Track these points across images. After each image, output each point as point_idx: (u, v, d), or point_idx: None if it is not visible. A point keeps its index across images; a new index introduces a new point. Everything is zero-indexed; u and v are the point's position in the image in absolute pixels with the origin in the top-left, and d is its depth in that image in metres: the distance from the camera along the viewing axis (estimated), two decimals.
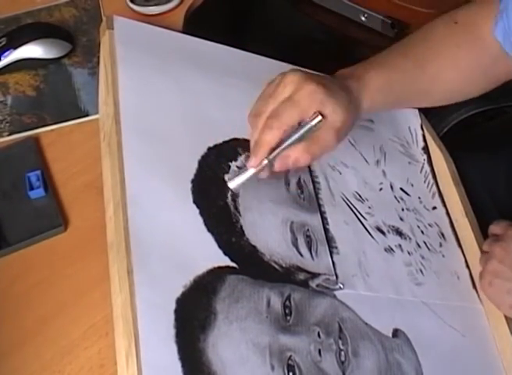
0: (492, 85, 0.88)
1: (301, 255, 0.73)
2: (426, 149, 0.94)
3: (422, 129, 0.95)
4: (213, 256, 0.68)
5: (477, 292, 0.84)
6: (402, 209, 0.87)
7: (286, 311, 0.68)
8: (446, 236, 0.88)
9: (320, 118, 0.72)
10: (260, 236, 0.72)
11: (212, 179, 0.74)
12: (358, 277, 0.76)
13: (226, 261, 0.68)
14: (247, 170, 0.73)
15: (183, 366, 0.59)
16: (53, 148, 0.88)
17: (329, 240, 0.77)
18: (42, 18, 1.05)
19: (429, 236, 0.86)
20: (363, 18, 1.27)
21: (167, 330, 0.61)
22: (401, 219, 0.86)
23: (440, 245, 0.87)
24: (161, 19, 1.01)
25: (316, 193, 0.80)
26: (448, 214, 0.90)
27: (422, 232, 0.86)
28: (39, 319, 0.73)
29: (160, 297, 0.62)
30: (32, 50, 0.97)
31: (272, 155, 0.72)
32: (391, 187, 0.88)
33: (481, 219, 0.89)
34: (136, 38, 0.83)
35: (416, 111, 0.96)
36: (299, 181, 0.80)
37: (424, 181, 0.92)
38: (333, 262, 0.75)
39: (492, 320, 0.82)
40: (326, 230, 0.78)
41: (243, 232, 0.71)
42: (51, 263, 0.78)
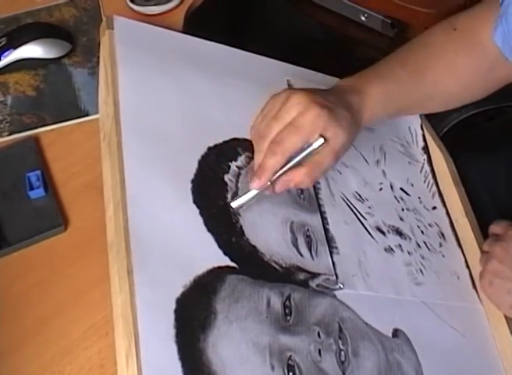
0: (491, 90, 0.89)
1: (301, 255, 0.73)
2: (426, 149, 0.94)
3: (422, 129, 0.95)
4: (213, 256, 0.68)
5: (477, 292, 0.84)
6: (402, 209, 0.87)
7: (286, 311, 0.68)
8: (446, 236, 0.88)
9: (322, 141, 0.73)
10: (260, 236, 0.72)
11: (212, 179, 0.74)
12: (358, 277, 0.76)
13: (226, 261, 0.68)
14: (250, 191, 0.73)
15: (183, 366, 0.59)
16: (53, 148, 0.88)
17: (329, 240, 0.77)
18: (42, 18, 1.05)
19: (429, 236, 0.86)
20: (363, 18, 1.27)
21: (167, 330, 0.61)
22: (401, 219, 0.86)
23: (440, 245, 0.86)
24: (161, 19, 1.01)
25: (316, 193, 0.80)
26: (448, 214, 0.90)
27: (422, 232, 0.86)
28: (39, 319, 0.73)
29: (160, 297, 0.62)
30: (32, 50, 0.97)
31: (274, 177, 0.73)
32: (391, 187, 0.88)
33: (481, 219, 0.88)
34: (136, 38, 0.83)
35: None
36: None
37: (424, 181, 0.92)
38: (333, 262, 0.75)
39: (492, 320, 0.82)
40: (326, 230, 0.78)
41: (243, 232, 0.71)
42: (51, 263, 0.78)
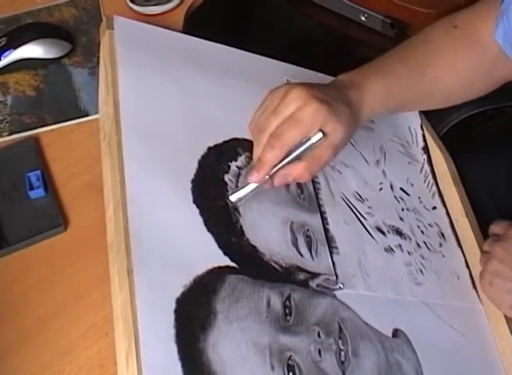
0: (491, 88, 0.89)
1: (301, 255, 0.73)
2: (426, 149, 0.94)
3: (422, 129, 0.95)
4: (213, 256, 0.68)
5: (477, 292, 0.84)
6: (402, 209, 0.87)
7: (286, 311, 0.68)
8: (446, 236, 0.88)
9: (321, 136, 0.73)
10: (260, 236, 0.72)
11: (212, 179, 0.74)
12: (358, 277, 0.76)
13: (226, 261, 0.68)
14: (249, 185, 0.73)
15: (183, 366, 0.59)
16: (53, 148, 0.88)
17: (329, 240, 0.77)
18: (42, 18, 1.05)
19: (429, 236, 0.86)
20: (363, 18, 1.27)
21: (167, 330, 0.61)
22: (401, 219, 0.85)
23: (440, 245, 0.86)
24: (161, 19, 1.01)
25: (316, 193, 0.80)
26: (448, 214, 0.90)
27: (422, 232, 0.86)
28: (39, 319, 0.73)
29: (160, 297, 0.62)
30: (32, 50, 0.97)
31: (273, 171, 0.73)
32: (391, 187, 0.88)
33: (481, 219, 0.88)
34: (136, 38, 0.83)
35: (416, 111, 0.96)
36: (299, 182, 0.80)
37: (424, 181, 0.92)
38: (333, 262, 0.75)
39: (492, 320, 0.82)
40: (326, 230, 0.78)
41: (243, 232, 0.71)
42: (51, 263, 0.78)
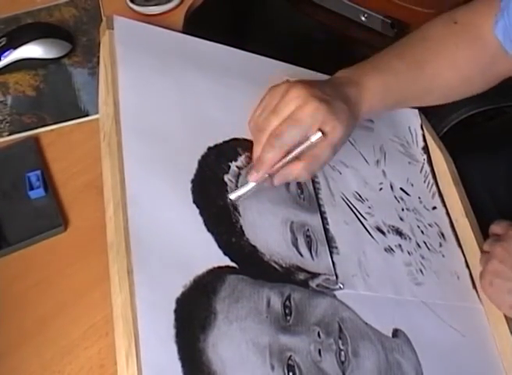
0: (491, 84, 0.88)
1: (301, 255, 0.73)
2: (426, 149, 0.94)
3: (422, 129, 0.95)
4: (213, 256, 0.68)
5: (477, 292, 0.84)
6: (402, 209, 0.87)
7: (286, 311, 0.68)
8: (446, 236, 0.88)
9: (320, 135, 0.73)
10: (260, 236, 0.72)
11: (212, 179, 0.74)
12: (358, 277, 0.76)
13: (226, 261, 0.68)
14: (248, 183, 0.73)
15: (183, 366, 0.59)
16: (53, 148, 0.88)
17: (329, 240, 0.77)
18: (42, 18, 1.05)
19: (429, 236, 0.86)
20: (363, 18, 1.27)
21: (167, 330, 0.61)
22: (401, 219, 0.86)
23: (440, 245, 0.86)
24: (161, 19, 1.01)
25: (316, 193, 0.80)
26: (448, 214, 0.90)
27: (422, 232, 0.86)
28: (39, 319, 0.73)
29: (160, 297, 0.62)
30: (32, 50, 0.96)
31: (272, 171, 0.74)
32: (391, 187, 0.88)
33: (481, 219, 0.88)
34: (136, 38, 0.83)
35: (416, 111, 0.96)
36: (299, 181, 0.79)
37: (424, 181, 0.92)
38: (333, 262, 0.75)
39: (492, 320, 0.82)
40: (326, 230, 0.78)
41: (243, 232, 0.71)
42: (51, 263, 0.77)
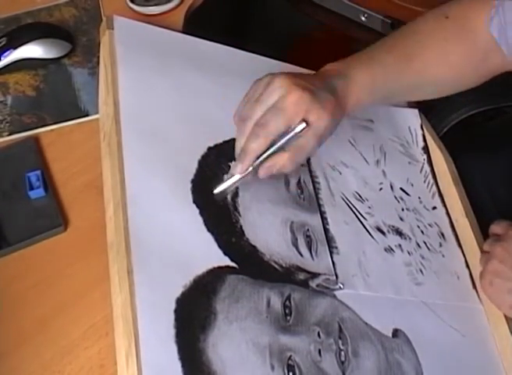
0: (483, 79, 0.87)
1: (301, 255, 0.73)
2: (426, 149, 0.94)
3: (422, 129, 0.95)
4: (213, 256, 0.68)
5: (477, 292, 0.84)
6: (402, 209, 0.86)
7: (286, 311, 0.68)
8: (446, 236, 0.88)
9: (304, 125, 0.72)
10: (260, 236, 0.72)
11: (212, 179, 0.74)
12: (358, 277, 0.76)
13: (226, 261, 0.68)
14: (232, 177, 0.73)
15: (183, 366, 0.59)
16: (53, 148, 0.88)
17: (329, 240, 0.77)
18: (42, 18, 1.05)
19: (429, 236, 0.86)
20: (363, 18, 1.27)
21: (167, 330, 0.61)
22: (401, 219, 0.85)
23: (440, 245, 0.86)
24: (161, 19, 1.01)
25: (316, 193, 0.80)
26: (448, 214, 0.90)
27: (422, 232, 0.86)
28: (39, 319, 0.73)
29: (160, 297, 0.62)
30: (32, 50, 0.97)
31: (257, 163, 0.72)
32: (391, 187, 0.88)
33: (481, 219, 0.88)
34: (136, 38, 0.83)
35: (416, 111, 0.96)
36: (299, 181, 0.80)
37: (424, 181, 0.91)
38: (333, 262, 0.75)
39: (492, 320, 0.82)
40: (326, 230, 0.77)
41: (243, 232, 0.71)
42: (51, 263, 0.78)
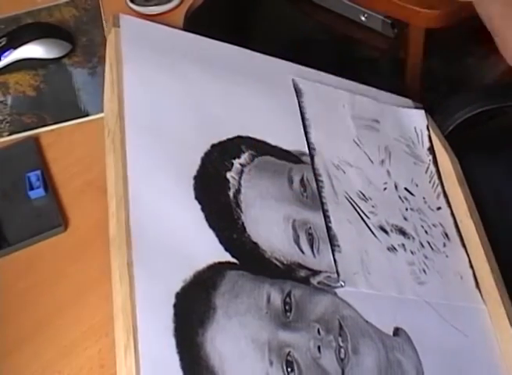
0: None
1: (303, 253, 0.73)
2: (432, 150, 0.94)
3: (428, 129, 0.95)
4: (214, 252, 0.68)
5: (480, 292, 0.84)
6: (406, 209, 0.86)
7: (286, 307, 0.68)
8: (450, 236, 0.87)
9: None
10: (261, 233, 0.72)
11: (215, 176, 0.74)
12: (360, 275, 0.75)
13: (227, 257, 0.68)
14: None
15: (181, 360, 0.59)
16: (53, 148, 0.88)
17: (331, 238, 0.76)
18: (42, 18, 1.05)
19: (433, 236, 0.86)
20: (363, 18, 1.27)
21: (166, 324, 0.61)
22: (405, 218, 0.85)
23: (444, 245, 0.86)
24: (161, 19, 1.00)
25: (319, 191, 0.80)
26: (453, 214, 0.90)
27: (426, 232, 0.86)
28: (39, 319, 0.73)
29: (160, 291, 0.62)
30: (32, 50, 0.97)
31: None
32: (395, 187, 0.87)
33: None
34: (141, 36, 0.83)
35: (422, 111, 0.96)
36: (302, 179, 0.79)
37: (429, 181, 0.91)
38: (335, 260, 0.75)
39: (495, 320, 0.81)
40: (328, 228, 0.77)
41: (244, 228, 0.71)
42: (51, 263, 0.77)
